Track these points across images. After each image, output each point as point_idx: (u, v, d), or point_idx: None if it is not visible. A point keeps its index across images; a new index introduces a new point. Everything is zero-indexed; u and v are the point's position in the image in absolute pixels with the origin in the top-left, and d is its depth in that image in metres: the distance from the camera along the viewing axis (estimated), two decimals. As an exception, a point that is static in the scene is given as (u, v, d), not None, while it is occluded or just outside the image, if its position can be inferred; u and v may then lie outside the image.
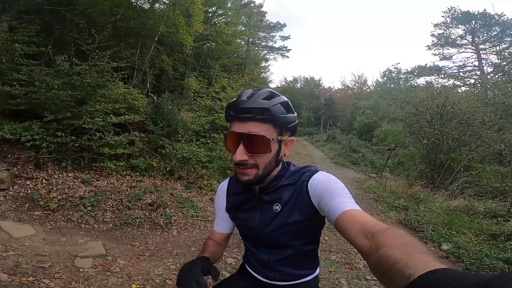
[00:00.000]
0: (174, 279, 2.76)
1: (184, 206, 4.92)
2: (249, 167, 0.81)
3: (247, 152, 0.79)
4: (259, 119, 0.79)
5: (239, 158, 0.79)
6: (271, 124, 0.81)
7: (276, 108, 0.80)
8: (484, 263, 2.93)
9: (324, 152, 16.07)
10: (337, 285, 2.72)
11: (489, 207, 4.75)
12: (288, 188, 0.86)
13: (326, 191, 0.78)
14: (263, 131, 0.79)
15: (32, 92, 4.44)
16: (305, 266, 0.94)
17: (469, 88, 19.83)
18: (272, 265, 0.92)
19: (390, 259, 0.43)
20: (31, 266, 2.53)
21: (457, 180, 6.53)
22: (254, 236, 0.93)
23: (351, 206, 0.71)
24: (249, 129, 0.78)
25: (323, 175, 0.85)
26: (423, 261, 0.39)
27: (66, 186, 4.19)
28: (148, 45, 8.18)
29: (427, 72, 25.26)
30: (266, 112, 0.78)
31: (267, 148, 0.80)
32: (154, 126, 6.29)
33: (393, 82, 27.63)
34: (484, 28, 22.87)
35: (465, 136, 7.53)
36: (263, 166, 0.82)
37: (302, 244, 0.89)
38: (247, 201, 0.93)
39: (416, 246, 0.44)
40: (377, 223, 0.61)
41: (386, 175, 8.45)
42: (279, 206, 0.86)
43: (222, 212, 1.02)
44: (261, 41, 23.98)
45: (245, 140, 0.79)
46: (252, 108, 0.78)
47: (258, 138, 0.78)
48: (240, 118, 0.80)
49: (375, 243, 0.52)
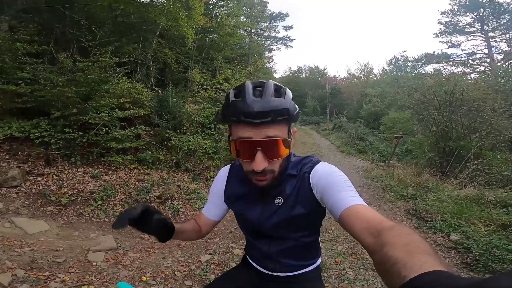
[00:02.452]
0: (183, 271, 2.82)
1: (191, 198, 4.97)
2: (267, 173, 0.76)
3: (267, 158, 0.73)
4: (277, 121, 0.71)
5: (261, 167, 0.72)
6: (286, 123, 0.75)
7: (292, 105, 0.73)
8: (493, 254, 2.86)
9: (331, 141, 15.93)
10: (344, 275, 2.73)
11: (500, 196, 4.65)
12: (290, 181, 0.83)
13: (329, 184, 0.75)
14: (281, 133, 0.72)
15: (38, 90, 4.49)
16: (306, 256, 0.92)
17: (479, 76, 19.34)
18: (273, 257, 0.91)
19: (391, 259, 0.43)
20: (47, 261, 2.60)
21: (467, 168, 6.42)
22: (254, 228, 0.91)
23: (356, 201, 0.68)
24: (267, 134, 0.70)
25: (325, 166, 0.82)
26: (420, 263, 0.38)
27: (76, 181, 4.28)
28: (150, 39, 8.15)
29: (435, 60, 24.76)
30: (285, 113, 0.71)
31: (287, 148, 0.75)
32: (159, 119, 6.32)
33: (400, 70, 27.16)
34: (493, 16, 22.32)
35: (475, 123, 7.36)
36: (280, 168, 0.79)
37: (303, 236, 0.87)
38: (248, 193, 0.89)
39: (418, 246, 0.43)
40: (383, 220, 0.59)
41: (394, 163, 8.37)
42: (281, 199, 0.83)
43: (216, 198, 0.97)
44: (264, 31, 23.58)
45: (263, 147, 0.71)
46: (270, 112, 0.68)
47: (279, 142, 0.72)
48: (255, 123, 0.69)
49: (380, 241, 0.51)
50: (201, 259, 3.06)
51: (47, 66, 4.95)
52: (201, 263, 2.98)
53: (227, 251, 3.29)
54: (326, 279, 2.64)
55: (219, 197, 0.97)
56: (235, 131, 0.74)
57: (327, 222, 3.88)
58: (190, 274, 2.77)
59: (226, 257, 3.14)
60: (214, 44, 11.90)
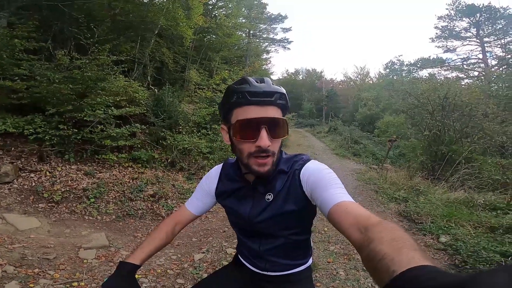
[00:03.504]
0: (175, 269, 2.83)
1: (186, 197, 4.98)
2: (270, 154, 0.78)
3: (271, 137, 0.77)
4: (278, 103, 0.78)
5: (267, 143, 0.75)
6: (283, 109, 0.81)
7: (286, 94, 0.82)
8: (481, 256, 2.91)
9: (326, 143, 16.03)
10: (335, 275, 2.76)
11: (489, 200, 4.73)
12: (281, 177, 0.84)
13: (319, 182, 0.76)
14: (280, 116, 0.80)
15: (34, 86, 4.47)
16: (297, 256, 0.93)
17: (473, 81, 19.62)
18: (263, 255, 0.91)
19: (379, 254, 0.43)
20: (37, 258, 2.59)
21: (457, 172, 6.51)
22: (244, 225, 0.91)
23: (345, 198, 0.69)
24: (270, 114, 0.77)
25: (315, 164, 0.84)
26: (408, 257, 0.39)
27: (70, 178, 4.26)
28: (148, 39, 8.14)
29: (430, 64, 25.09)
30: (283, 97, 0.79)
31: (286, 131, 0.80)
32: (155, 118, 6.32)
33: (395, 74, 27.44)
34: (488, 21, 22.65)
35: (467, 128, 7.48)
36: (277, 151, 0.82)
37: (293, 234, 0.87)
38: (239, 189, 0.90)
39: (404, 241, 0.44)
40: (370, 216, 0.60)
41: (387, 166, 8.45)
42: (271, 195, 0.84)
43: (204, 195, 0.98)
44: (262, 33, 23.62)
45: (269, 125, 0.76)
46: (274, 93, 0.77)
47: (282, 121, 0.79)
48: (261, 102, 0.76)
49: (367, 236, 0.52)
50: (194, 258, 3.07)
51: (44, 63, 4.93)
52: (194, 262, 2.99)
53: (220, 250, 3.30)
54: (318, 279, 2.67)
55: (207, 194, 0.98)
56: (238, 114, 0.78)
57: (320, 223, 3.92)
58: (183, 272, 2.78)
59: (219, 256, 3.15)
60: (212, 45, 11.92)
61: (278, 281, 0.93)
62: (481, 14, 22.48)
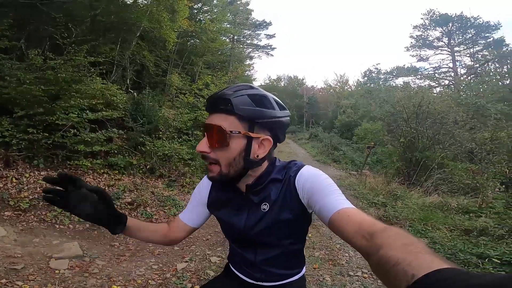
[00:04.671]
0: (157, 279, 2.70)
1: (166, 205, 4.81)
2: (211, 162, 0.78)
3: (208, 145, 0.76)
4: (222, 110, 0.75)
5: (198, 148, 0.77)
6: (236, 117, 0.74)
7: (239, 100, 0.74)
8: (459, 258, 3.02)
9: (307, 150, 16.29)
10: (322, 281, 2.76)
11: (462, 203, 4.98)
12: (275, 186, 0.82)
13: (316, 188, 0.74)
14: (226, 124, 0.73)
15: (2, 86, 4.18)
16: (292, 265, 0.91)
17: (444, 89, 20.73)
18: (258, 265, 0.88)
19: (391, 260, 0.42)
20: (3, 268, 2.41)
21: (431, 177, 6.82)
22: (240, 236, 0.88)
23: (345, 204, 0.68)
24: (213, 121, 0.75)
25: (310, 170, 0.81)
26: (427, 261, 0.37)
27: (38, 185, 3.98)
28: (129, 41, 7.88)
29: (405, 73, 26.14)
30: (229, 103, 0.73)
31: (224, 141, 0.74)
32: (133, 122, 6.09)
33: (373, 82, 28.42)
34: (460, 30, 23.70)
35: (439, 135, 7.86)
36: (224, 163, 0.76)
37: (290, 244, 0.85)
38: (232, 199, 0.87)
39: (417, 246, 0.43)
40: (374, 222, 0.59)
41: (366, 172, 8.69)
42: (267, 205, 0.81)
43: (197, 204, 0.95)
44: (246, 38, 23.80)
45: (208, 132, 0.76)
46: (216, 99, 0.76)
47: (215, 128, 0.74)
48: (208, 109, 0.79)
49: (375, 243, 0.50)
50: (177, 267, 2.95)
51: (15, 62, 4.62)
52: (177, 271, 2.87)
53: (203, 259, 3.20)
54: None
55: (200, 203, 0.95)
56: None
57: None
58: (165, 282, 2.66)
59: (203, 265, 3.05)
60: (195, 49, 11.78)
61: None
62: (453, 23, 23.45)
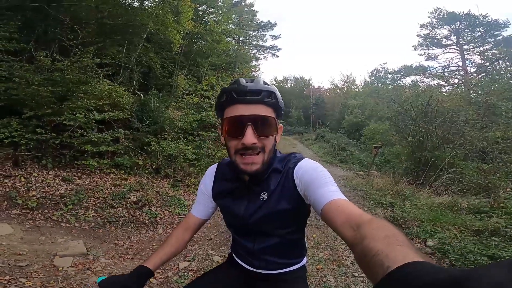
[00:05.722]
0: (158, 277, 2.70)
1: (171, 205, 4.83)
2: (257, 152, 0.79)
3: (257, 135, 0.77)
4: (266, 102, 0.79)
5: (251, 141, 0.76)
6: (273, 108, 0.81)
7: (278, 94, 0.82)
8: (469, 259, 2.93)
9: (314, 150, 16.14)
10: (325, 282, 2.71)
11: (473, 203, 4.83)
12: (275, 176, 0.85)
13: (312, 180, 0.77)
14: (271, 113, 0.80)
15: (12, 88, 4.28)
16: (291, 255, 0.94)
17: (453, 88, 20.28)
18: (257, 254, 0.91)
19: (372, 250, 0.43)
20: (8, 265, 2.45)
21: (441, 177, 6.65)
22: (239, 224, 0.92)
23: (337, 196, 0.70)
24: (257, 112, 0.77)
25: (309, 162, 0.84)
26: (403, 253, 0.38)
27: (46, 184, 4.05)
28: (136, 43, 8.01)
29: (413, 72, 25.76)
30: (272, 96, 0.79)
31: (275, 130, 0.81)
32: (140, 123, 6.17)
33: (380, 82, 28.08)
34: (468, 28, 23.29)
35: (449, 134, 7.68)
36: (268, 150, 0.81)
37: (287, 233, 0.88)
38: (235, 189, 0.91)
39: (397, 238, 0.44)
40: (362, 213, 0.61)
41: (373, 173, 8.56)
42: (266, 194, 0.85)
43: (204, 197, 0.99)
44: (252, 40, 23.89)
45: (254, 123, 0.77)
46: (261, 91, 0.78)
47: (269, 119, 0.79)
48: (247, 100, 0.77)
49: (360, 234, 0.52)
50: (179, 266, 2.95)
51: (24, 64, 4.73)
52: (178, 270, 2.87)
53: (206, 258, 3.19)
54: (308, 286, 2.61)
55: (206, 195, 0.98)
56: (228, 112, 0.80)
57: (308, 230, 3.86)
58: (167, 281, 2.65)
59: (205, 264, 3.04)
60: (201, 51, 11.87)
61: (272, 279, 0.93)
62: (461, 22, 23.10)
